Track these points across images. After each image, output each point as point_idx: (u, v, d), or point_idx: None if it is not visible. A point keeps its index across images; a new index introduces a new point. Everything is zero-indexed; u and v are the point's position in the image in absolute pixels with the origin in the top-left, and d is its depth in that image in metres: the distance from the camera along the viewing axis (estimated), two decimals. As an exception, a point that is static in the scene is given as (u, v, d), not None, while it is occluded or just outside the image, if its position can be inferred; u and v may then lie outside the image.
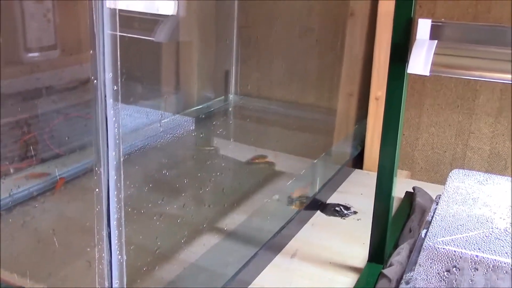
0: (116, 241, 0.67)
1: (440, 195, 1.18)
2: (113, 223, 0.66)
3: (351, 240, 1.23)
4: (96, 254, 0.68)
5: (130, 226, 0.70)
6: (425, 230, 1.05)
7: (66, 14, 1.72)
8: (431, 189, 1.44)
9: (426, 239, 0.91)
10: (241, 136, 1.70)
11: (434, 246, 0.88)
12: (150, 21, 1.38)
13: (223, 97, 1.85)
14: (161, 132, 1.46)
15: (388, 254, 1.10)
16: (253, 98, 1.85)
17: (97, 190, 0.66)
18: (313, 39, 1.69)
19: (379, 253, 1.07)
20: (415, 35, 0.94)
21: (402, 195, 1.43)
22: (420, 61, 0.88)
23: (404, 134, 1.65)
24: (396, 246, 1.14)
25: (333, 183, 1.48)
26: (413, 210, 1.27)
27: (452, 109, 1.57)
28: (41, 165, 1.29)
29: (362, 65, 1.58)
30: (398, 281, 0.96)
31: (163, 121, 1.55)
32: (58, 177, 1.26)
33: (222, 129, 1.69)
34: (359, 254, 1.16)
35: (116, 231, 0.67)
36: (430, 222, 1.07)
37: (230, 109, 1.83)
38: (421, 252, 0.89)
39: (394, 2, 1.34)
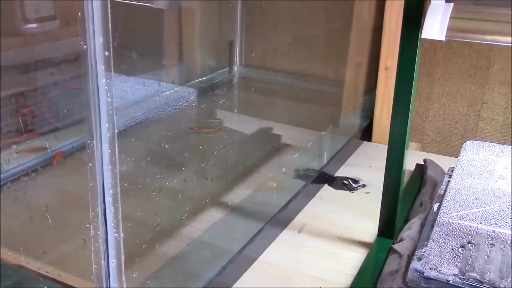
0: (112, 218, 0.64)
1: (453, 167, 1.14)
2: (108, 199, 0.62)
3: (360, 214, 1.19)
4: (92, 231, 0.65)
5: (127, 202, 0.66)
6: (437, 204, 1.00)
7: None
8: (442, 161, 1.39)
9: (439, 214, 0.87)
10: (246, 108, 1.65)
11: (448, 221, 0.84)
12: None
13: (227, 68, 1.79)
14: (162, 104, 1.41)
15: (398, 229, 1.06)
16: (258, 69, 1.80)
17: (90, 164, 0.62)
18: (320, 6, 1.63)
19: (389, 227, 1.03)
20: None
21: (412, 167, 1.39)
22: (435, 25, 0.83)
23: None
24: (406, 220, 1.10)
25: (341, 156, 1.43)
26: (424, 183, 1.23)
27: (465, 79, 1.51)
28: (38, 139, 1.25)
29: (372, 33, 1.52)
30: (410, 257, 0.92)
31: (164, 93, 1.50)
32: (52, 152, 1.23)
33: (225, 101, 1.64)
34: (369, 229, 1.12)
35: (112, 208, 0.63)
36: (443, 195, 1.03)
37: (234, 80, 1.78)
38: (434, 227, 0.85)
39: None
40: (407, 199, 1.20)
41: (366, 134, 1.59)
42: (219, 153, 1.34)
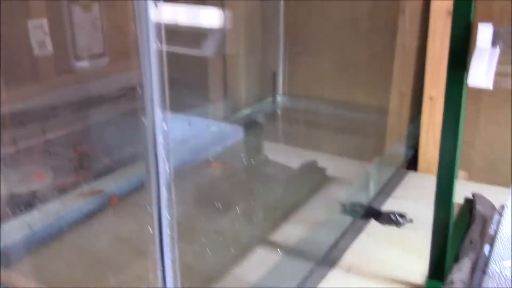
0: (171, 265, 0.66)
1: (504, 206, 1.12)
2: (166, 243, 0.65)
3: (407, 252, 1.18)
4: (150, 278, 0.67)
5: (184, 245, 0.69)
6: (488, 247, 0.99)
7: (113, 21, 1.73)
8: (491, 192, 1.37)
9: (491, 261, 0.86)
10: (290, 139, 1.67)
11: (500, 272, 0.83)
12: (197, 34, 1.36)
13: (270, 98, 1.82)
14: (210, 141, 1.45)
15: (448, 268, 1.05)
16: (302, 98, 1.82)
17: (148, 206, 0.65)
18: (363, 37, 1.63)
19: (439, 268, 1.02)
20: (475, 40, 0.89)
21: (460, 198, 1.37)
22: (481, 73, 0.83)
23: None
24: (456, 258, 1.09)
25: (387, 188, 1.43)
26: (473, 218, 1.21)
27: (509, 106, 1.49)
28: (94, 181, 1.30)
29: (415, 63, 1.52)
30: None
31: (210, 129, 1.54)
32: (107, 195, 1.27)
33: (270, 133, 1.66)
34: (417, 269, 1.12)
35: (170, 254, 0.66)
36: (494, 237, 1.01)
37: (278, 110, 1.80)
38: (485, 277, 0.85)
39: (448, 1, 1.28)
40: (456, 235, 1.18)
41: (412, 164, 1.58)
42: (264, 189, 1.37)
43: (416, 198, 1.41)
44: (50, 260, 1.09)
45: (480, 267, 0.93)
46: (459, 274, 1.00)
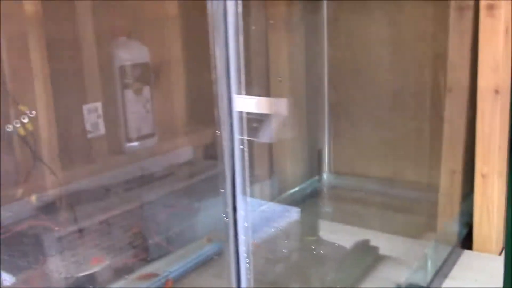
0: None
1: None
2: None
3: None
4: None
5: None
6: None
7: (163, 102, 1.79)
8: None
9: None
10: (339, 218, 1.66)
11: None
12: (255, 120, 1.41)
13: (317, 176, 1.83)
14: (260, 221, 1.45)
15: None
16: (348, 176, 1.82)
17: None
18: (409, 114, 1.65)
19: None
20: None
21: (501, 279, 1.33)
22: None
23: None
24: None
25: (443, 268, 1.40)
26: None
27: None
28: (150, 264, 1.30)
29: (464, 141, 1.52)
30: None
31: (260, 208, 1.55)
32: (163, 278, 1.27)
33: (319, 213, 1.66)
34: None
35: None
36: None
37: (324, 189, 1.81)
38: None
39: (495, 75, 1.30)
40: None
41: (466, 242, 1.55)
42: (319, 271, 1.35)
43: (475, 279, 1.37)
44: None
45: None
46: None
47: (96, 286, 1.22)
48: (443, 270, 1.39)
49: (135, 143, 1.74)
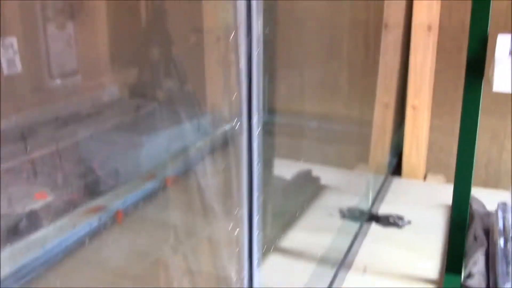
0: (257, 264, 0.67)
1: (504, 202, 1.21)
2: (256, 243, 0.66)
3: (414, 251, 1.24)
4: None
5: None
6: (502, 239, 1.07)
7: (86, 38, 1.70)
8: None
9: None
10: (280, 154, 1.69)
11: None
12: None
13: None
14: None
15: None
16: (283, 113, 1.85)
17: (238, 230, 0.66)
18: (345, 52, 1.70)
19: (457, 264, 1.08)
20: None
21: (439, 200, 1.47)
22: (506, 79, 0.90)
23: (437, 140, 1.68)
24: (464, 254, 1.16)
25: (379, 194, 1.49)
26: (471, 217, 1.29)
27: (487, 113, 1.60)
28: (95, 199, 1.26)
29: (398, 76, 1.60)
30: (487, 292, 0.98)
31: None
32: (111, 212, 1.24)
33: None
34: (428, 266, 1.18)
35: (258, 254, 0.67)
36: (504, 231, 1.09)
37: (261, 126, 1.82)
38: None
39: (428, 13, 1.37)
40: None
41: (395, 170, 1.66)
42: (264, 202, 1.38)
43: (407, 202, 1.49)
44: (68, 276, 1.05)
45: (501, 257, 0.99)
46: (476, 267, 1.07)
47: (41, 222, 1.16)
48: (378, 195, 1.48)
49: (57, 81, 1.65)
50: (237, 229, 0.66)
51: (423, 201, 1.49)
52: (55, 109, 1.60)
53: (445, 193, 1.50)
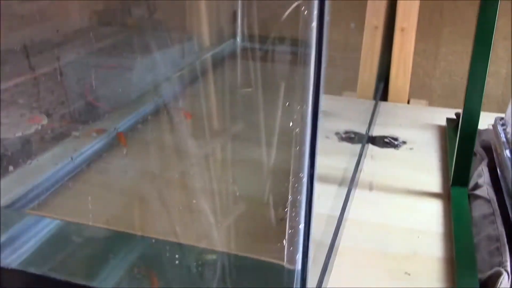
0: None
1: (501, 117, 1.24)
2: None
3: (415, 168, 1.27)
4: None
5: None
6: (507, 151, 1.10)
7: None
8: (446, 113, 1.51)
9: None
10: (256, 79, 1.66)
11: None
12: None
13: (232, 39, 1.79)
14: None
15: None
16: (263, 38, 1.81)
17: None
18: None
19: (463, 176, 1.11)
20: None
21: (428, 121, 1.50)
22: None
23: (421, 64, 1.69)
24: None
25: (372, 118, 1.50)
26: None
27: (470, 37, 1.61)
28: (93, 122, 1.21)
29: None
30: (499, 201, 1.01)
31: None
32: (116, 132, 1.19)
33: (247, 71, 1.65)
34: (431, 180, 1.21)
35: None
36: (507, 142, 1.12)
37: (237, 51, 1.78)
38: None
39: None
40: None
41: (382, 94, 1.67)
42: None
43: (398, 124, 1.50)
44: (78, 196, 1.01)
45: (507, 167, 1.03)
46: (481, 178, 1.10)
47: (36, 147, 1.10)
48: (372, 120, 1.49)
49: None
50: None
51: (413, 123, 1.51)
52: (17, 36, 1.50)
53: (433, 115, 1.53)
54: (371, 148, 1.37)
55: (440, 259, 0.96)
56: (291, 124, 0.67)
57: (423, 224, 1.05)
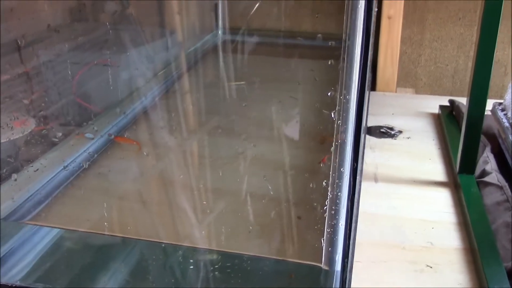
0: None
1: (499, 102, 1.24)
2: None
3: (416, 157, 1.25)
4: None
5: None
6: (510, 136, 1.09)
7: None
8: (435, 100, 1.51)
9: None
10: (254, 69, 1.62)
11: None
12: None
13: (214, 32, 1.74)
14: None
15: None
16: (245, 31, 1.77)
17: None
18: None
19: (470, 164, 1.09)
20: None
21: (416, 109, 1.49)
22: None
23: (406, 52, 1.68)
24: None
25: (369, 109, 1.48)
26: (462, 120, 1.31)
27: (454, 22, 1.62)
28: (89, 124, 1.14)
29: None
30: (510, 187, 1.01)
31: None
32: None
33: (235, 65, 1.60)
34: (434, 169, 1.19)
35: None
36: (511, 127, 1.12)
37: (226, 44, 1.73)
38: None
39: None
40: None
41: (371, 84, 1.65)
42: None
43: (391, 113, 1.49)
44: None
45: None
46: (488, 165, 1.09)
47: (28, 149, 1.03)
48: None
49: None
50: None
51: (404, 112, 1.50)
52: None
53: (422, 103, 1.53)
54: (368, 139, 1.34)
55: (458, 250, 0.94)
56: (332, 115, 0.64)
57: (435, 214, 1.03)
